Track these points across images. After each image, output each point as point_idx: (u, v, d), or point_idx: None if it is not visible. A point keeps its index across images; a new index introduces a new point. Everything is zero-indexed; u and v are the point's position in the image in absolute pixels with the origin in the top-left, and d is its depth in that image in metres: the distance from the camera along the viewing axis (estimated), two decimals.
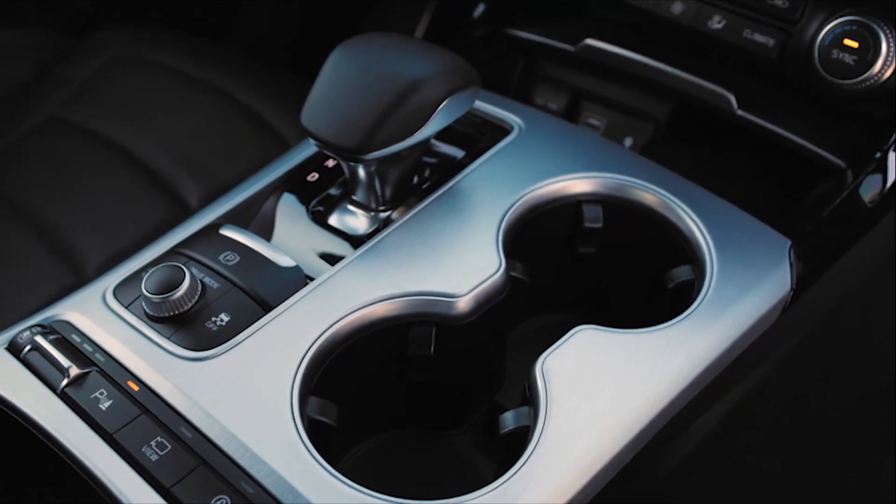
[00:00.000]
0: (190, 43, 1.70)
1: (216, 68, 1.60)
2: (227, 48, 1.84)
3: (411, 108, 0.84)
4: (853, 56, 0.93)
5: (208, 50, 1.69)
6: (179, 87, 1.58)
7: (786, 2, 1.00)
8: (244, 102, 1.53)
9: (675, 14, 1.07)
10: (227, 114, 1.52)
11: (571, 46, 1.18)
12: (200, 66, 1.61)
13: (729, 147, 1.15)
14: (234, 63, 1.64)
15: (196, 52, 1.66)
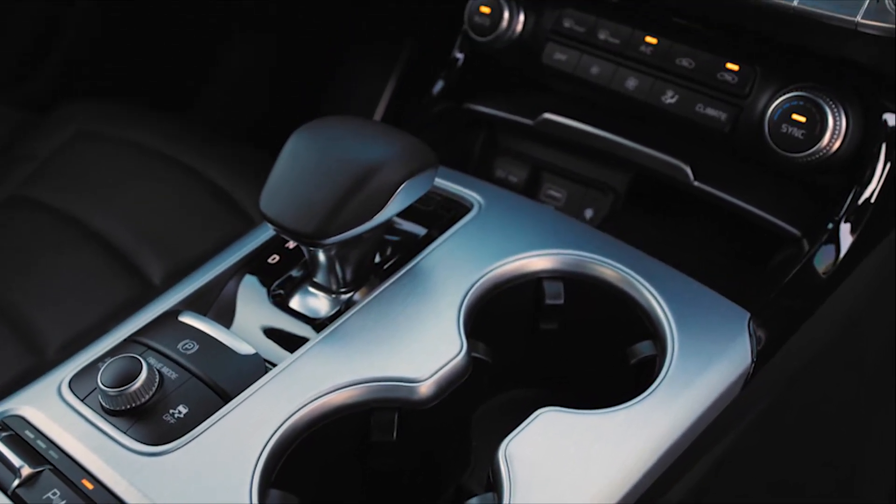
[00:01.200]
0: (154, 118, 1.71)
1: (180, 143, 1.61)
2: (192, 123, 1.84)
3: (369, 192, 0.84)
4: (802, 130, 0.95)
5: (173, 125, 1.69)
6: (143, 162, 1.58)
7: (735, 77, 1.03)
8: (208, 178, 1.53)
9: (630, 90, 1.10)
10: (191, 189, 1.52)
11: (530, 120, 1.20)
12: (165, 141, 1.61)
13: (688, 216, 1.16)
14: (198, 138, 1.64)
15: (160, 127, 1.66)
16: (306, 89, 1.75)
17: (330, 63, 1.72)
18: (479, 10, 1.17)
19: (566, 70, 1.14)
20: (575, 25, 1.14)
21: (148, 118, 1.70)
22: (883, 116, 0.97)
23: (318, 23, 1.76)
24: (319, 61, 1.76)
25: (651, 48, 1.08)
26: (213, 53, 1.87)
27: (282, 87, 1.86)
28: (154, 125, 1.67)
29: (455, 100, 1.27)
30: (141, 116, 1.70)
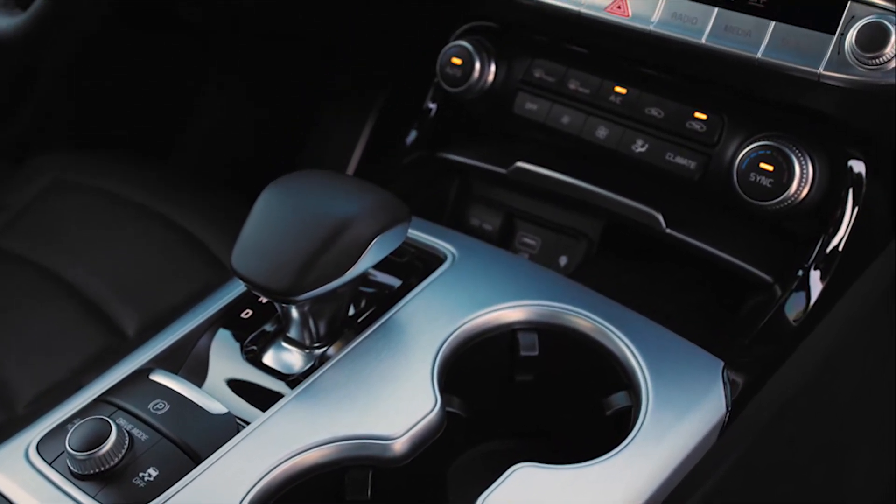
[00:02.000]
0: (130, 167, 1.70)
1: (155, 192, 1.60)
2: (168, 172, 1.84)
3: (341, 248, 0.84)
4: (769, 179, 0.97)
5: (148, 173, 1.69)
6: (118, 212, 1.57)
7: (703, 126, 1.04)
8: (183, 227, 1.53)
9: (601, 139, 1.11)
10: (166, 239, 1.52)
11: (503, 169, 1.21)
12: (140, 190, 1.60)
13: (662, 261, 1.17)
14: (174, 187, 1.64)
15: (136, 177, 1.66)
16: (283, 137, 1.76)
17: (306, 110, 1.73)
18: (450, 62, 1.19)
19: (538, 119, 1.16)
20: (545, 75, 1.15)
21: (124, 167, 1.69)
22: (848, 163, 0.99)
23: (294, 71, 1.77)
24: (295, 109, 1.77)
25: (620, 98, 1.10)
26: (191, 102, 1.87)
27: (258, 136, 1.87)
28: (130, 175, 1.66)
29: (428, 149, 1.28)
30: (117, 166, 1.70)
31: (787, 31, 0.91)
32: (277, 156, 1.73)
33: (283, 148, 1.64)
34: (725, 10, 0.95)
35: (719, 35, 0.95)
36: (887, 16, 0.85)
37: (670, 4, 0.98)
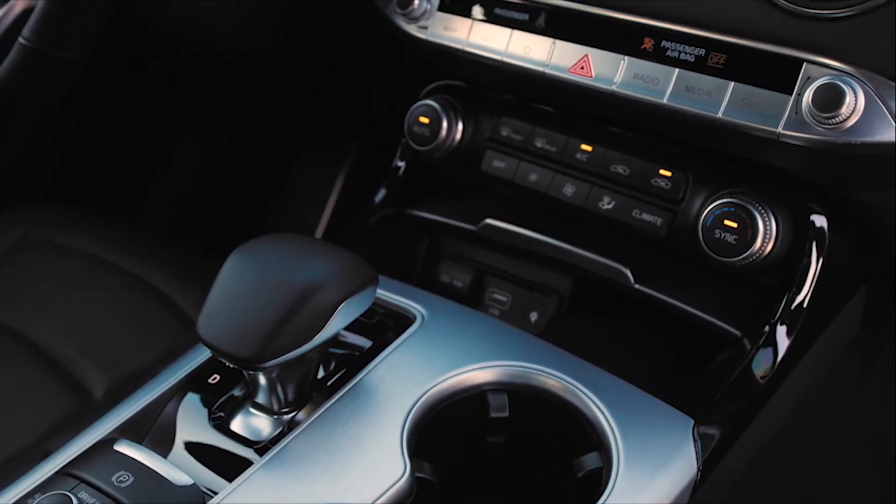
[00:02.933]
0: (99, 223, 1.69)
1: (125, 250, 1.59)
2: (137, 228, 1.83)
3: (308, 314, 0.84)
4: (734, 235, 0.98)
5: (118, 230, 1.68)
6: (87, 270, 1.56)
7: (668, 183, 1.06)
8: (153, 285, 1.51)
9: (568, 196, 1.12)
10: (136, 297, 1.50)
11: (473, 226, 1.21)
12: (109, 247, 1.59)
13: (632, 316, 1.17)
14: (143, 244, 1.63)
15: (105, 233, 1.64)
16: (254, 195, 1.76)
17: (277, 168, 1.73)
18: (418, 121, 1.20)
19: (505, 177, 1.16)
20: (512, 134, 1.16)
21: (93, 224, 1.68)
22: (810, 218, 1.00)
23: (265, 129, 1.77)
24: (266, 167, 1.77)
25: (587, 155, 1.11)
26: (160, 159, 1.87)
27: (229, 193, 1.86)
28: (98, 231, 1.65)
29: (398, 206, 1.28)
30: (85, 222, 1.69)
31: (746, 91, 0.93)
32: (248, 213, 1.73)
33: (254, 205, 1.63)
34: (686, 70, 0.96)
35: (680, 95, 0.96)
36: (842, 77, 0.87)
37: (632, 65, 0.99)
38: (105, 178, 1.92)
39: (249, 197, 1.76)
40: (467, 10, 1.11)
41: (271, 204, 1.64)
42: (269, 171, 1.76)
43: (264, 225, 1.69)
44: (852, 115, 0.87)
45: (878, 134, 0.88)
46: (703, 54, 0.95)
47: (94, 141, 1.87)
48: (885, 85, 0.87)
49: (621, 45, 1.00)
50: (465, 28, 1.11)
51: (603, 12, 1.01)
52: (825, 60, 0.89)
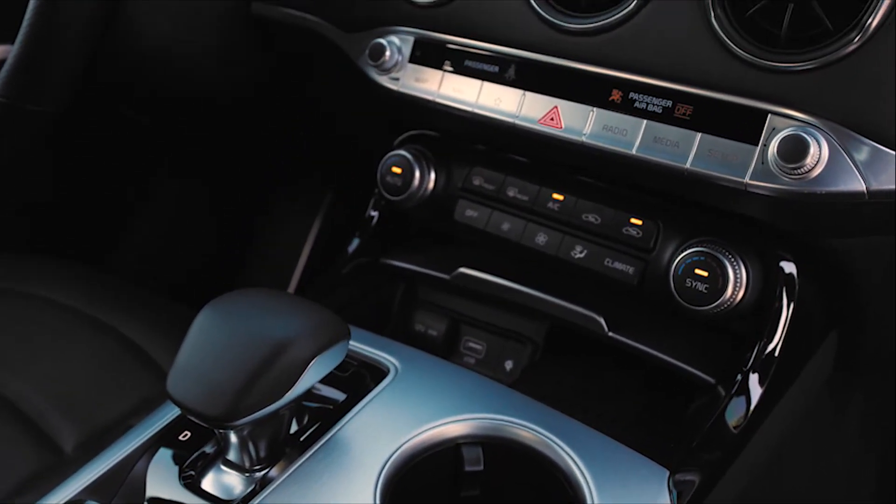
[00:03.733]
0: (70, 274, 1.67)
1: (98, 300, 1.57)
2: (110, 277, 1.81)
3: (278, 371, 0.83)
4: (705, 284, 0.98)
5: (90, 280, 1.66)
6: (59, 321, 1.53)
7: (639, 231, 1.06)
8: (126, 336, 1.49)
9: (540, 245, 1.12)
10: (108, 348, 1.48)
11: (446, 275, 1.21)
12: (81, 298, 1.57)
13: (606, 364, 1.17)
14: (116, 294, 1.61)
15: (77, 284, 1.63)
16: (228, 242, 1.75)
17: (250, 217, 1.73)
18: (390, 171, 1.20)
19: (478, 226, 1.17)
20: (484, 183, 1.17)
21: (64, 274, 1.66)
22: (780, 264, 1.01)
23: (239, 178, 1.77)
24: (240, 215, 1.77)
25: (558, 204, 1.12)
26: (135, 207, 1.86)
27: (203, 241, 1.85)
28: (68, 280, 1.63)
29: (372, 255, 1.28)
30: (57, 273, 1.67)
31: (712, 142, 0.94)
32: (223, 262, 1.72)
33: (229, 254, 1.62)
34: (653, 122, 0.97)
35: (649, 146, 0.97)
36: (806, 128, 0.88)
37: (601, 117, 1.00)
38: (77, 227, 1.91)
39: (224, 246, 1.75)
40: (438, 62, 1.12)
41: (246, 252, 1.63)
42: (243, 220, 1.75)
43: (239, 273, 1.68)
44: (817, 166, 0.88)
45: (842, 184, 0.89)
46: (669, 106, 0.97)
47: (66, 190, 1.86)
48: (848, 136, 0.88)
49: (590, 96, 1.01)
50: (435, 80, 1.12)
51: (571, 64, 1.02)
52: (789, 112, 0.90)
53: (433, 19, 1.12)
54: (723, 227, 1.03)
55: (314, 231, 1.58)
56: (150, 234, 1.90)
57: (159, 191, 1.84)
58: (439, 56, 1.12)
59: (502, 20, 1.07)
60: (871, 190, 0.88)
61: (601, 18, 1.00)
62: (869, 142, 0.88)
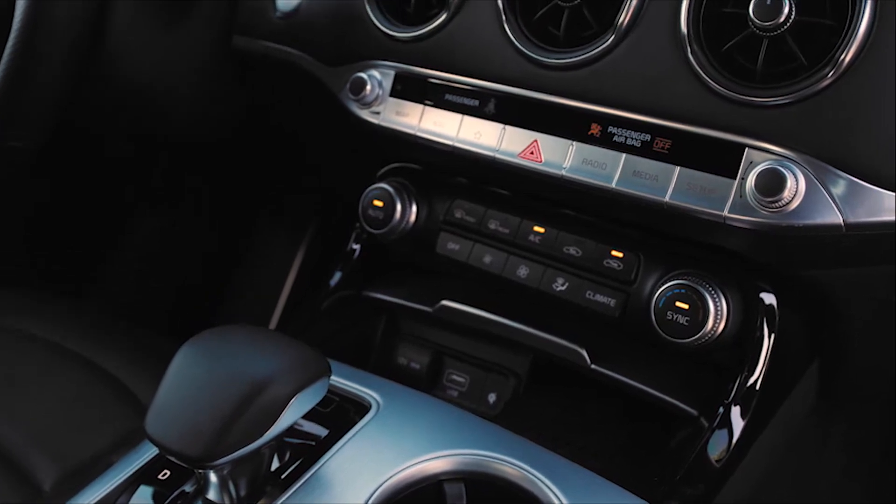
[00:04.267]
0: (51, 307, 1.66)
1: (78, 334, 1.55)
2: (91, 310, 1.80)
3: (258, 409, 0.82)
4: (686, 317, 0.98)
5: (70, 313, 1.65)
6: (37, 355, 1.51)
7: (620, 264, 1.07)
8: (104, 368, 1.48)
9: (522, 278, 1.12)
10: (86, 382, 1.46)
11: (429, 307, 1.21)
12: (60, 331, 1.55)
13: (590, 396, 1.17)
14: (96, 327, 1.60)
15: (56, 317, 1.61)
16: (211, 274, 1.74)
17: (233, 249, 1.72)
18: (372, 204, 1.20)
19: (460, 259, 1.17)
20: (466, 216, 1.17)
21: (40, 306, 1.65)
22: (760, 296, 1.02)
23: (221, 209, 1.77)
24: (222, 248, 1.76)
25: (540, 237, 1.12)
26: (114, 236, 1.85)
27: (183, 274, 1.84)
28: (47, 313, 1.62)
29: (354, 288, 1.28)
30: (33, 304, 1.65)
31: (691, 175, 0.95)
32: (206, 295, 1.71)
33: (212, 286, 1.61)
34: (632, 155, 0.98)
35: (628, 180, 0.98)
36: (782, 161, 0.89)
37: (580, 151, 1.01)
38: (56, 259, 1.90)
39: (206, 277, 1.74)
40: (418, 96, 1.13)
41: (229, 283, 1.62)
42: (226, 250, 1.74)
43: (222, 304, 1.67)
44: (794, 199, 0.89)
45: (819, 217, 0.90)
46: (648, 140, 0.97)
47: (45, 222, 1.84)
48: (824, 169, 0.89)
49: (569, 130, 1.02)
50: (416, 114, 1.12)
51: (551, 99, 1.03)
52: (766, 146, 0.91)
53: (413, 54, 1.13)
54: (703, 258, 1.03)
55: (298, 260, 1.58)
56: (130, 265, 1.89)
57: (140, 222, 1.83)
58: (420, 90, 1.13)
59: (482, 55, 1.07)
60: (849, 223, 0.89)
61: (580, 53, 1.00)
62: (845, 175, 0.89)
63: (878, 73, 0.87)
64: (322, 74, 1.24)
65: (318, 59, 1.25)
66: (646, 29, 0.97)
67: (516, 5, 1.05)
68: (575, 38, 1.02)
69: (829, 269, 1.00)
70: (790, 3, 0.88)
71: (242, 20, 1.37)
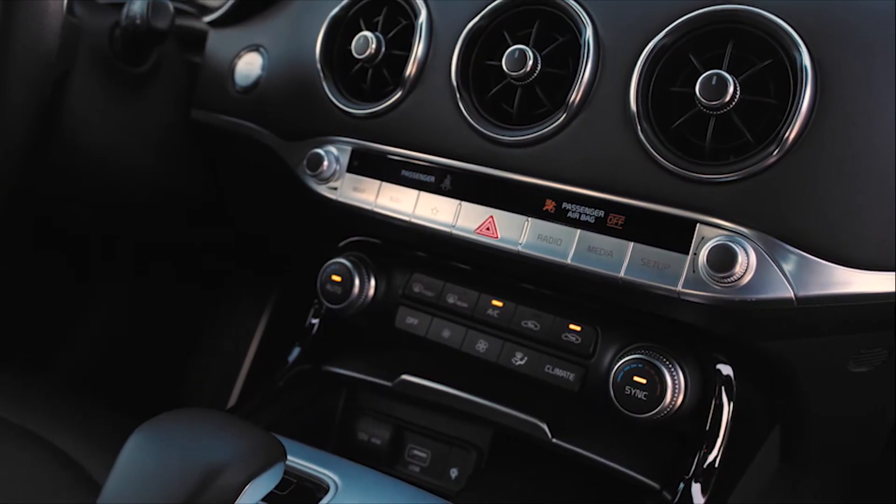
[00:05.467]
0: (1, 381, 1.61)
1: (30, 410, 1.51)
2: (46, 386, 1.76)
3: (210, 497, 0.80)
4: (644, 392, 0.98)
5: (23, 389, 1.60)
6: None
7: (578, 338, 1.07)
8: (61, 449, 1.44)
9: (481, 352, 1.12)
10: (40, 463, 1.42)
11: (389, 382, 1.20)
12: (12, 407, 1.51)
13: (552, 469, 1.16)
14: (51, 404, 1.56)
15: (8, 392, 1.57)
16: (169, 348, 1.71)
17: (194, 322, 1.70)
18: (330, 279, 1.20)
19: (419, 334, 1.16)
20: (424, 290, 1.17)
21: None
22: (717, 367, 1.02)
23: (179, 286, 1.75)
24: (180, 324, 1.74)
25: (498, 311, 1.12)
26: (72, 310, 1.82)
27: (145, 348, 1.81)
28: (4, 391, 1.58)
29: (313, 362, 1.27)
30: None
31: (645, 251, 0.95)
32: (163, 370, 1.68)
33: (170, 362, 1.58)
34: (587, 231, 0.99)
35: (583, 256, 0.98)
36: (733, 237, 0.90)
37: (535, 227, 1.02)
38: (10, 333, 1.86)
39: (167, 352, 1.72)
40: (375, 172, 1.13)
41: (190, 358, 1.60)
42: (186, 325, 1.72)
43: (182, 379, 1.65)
44: (746, 274, 0.90)
45: (771, 291, 0.90)
46: (602, 216, 0.98)
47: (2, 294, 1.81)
48: (774, 244, 0.90)
49: (524, 206, 1.03)
50: (373, 189, 1.13)
51: (506, 175, 1.04)
52: (717, 221, 0.92)
53: (370, 130, 1.14)
54: (661, 331, 1.03)
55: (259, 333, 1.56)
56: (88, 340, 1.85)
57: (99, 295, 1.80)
58: (376, 166, 1.14)
59: (437, 132, 1.08)
60: (800, 297, 0.90)
61: (533, 131, 1.02)
62: (795, 250, 0.90)
63: (821, 150, 0.89)
64: (280, 149, 1.25)
65: (276, 133, 1.26)
66: (596, 107, 0.99)
67: (470, 83, 1.07)
68: (528, 116, 1.04)
69: (784, 340, 1.01)
70: (735, 82, 0.90)
71: (201, 94, 1.38)
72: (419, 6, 1.11)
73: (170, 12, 1.25)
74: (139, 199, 1.46)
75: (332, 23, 1.19)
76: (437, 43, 1.10)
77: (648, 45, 0.96)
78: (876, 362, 1.10)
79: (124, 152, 1.40)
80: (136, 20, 1.24)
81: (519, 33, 1.06)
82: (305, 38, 1.21)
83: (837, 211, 0.89)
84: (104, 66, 1.32)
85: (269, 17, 1.33)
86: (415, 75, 1.10)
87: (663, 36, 0.96)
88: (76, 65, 1.29)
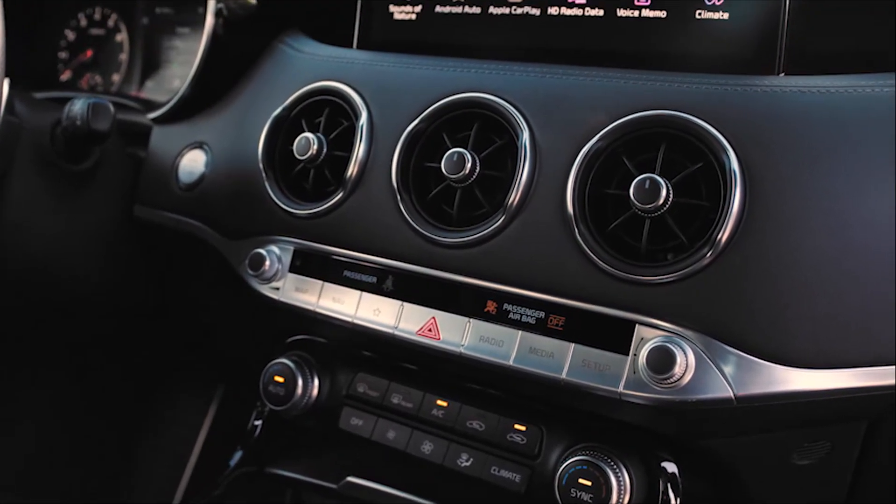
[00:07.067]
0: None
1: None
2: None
3: None
4: (589, 494, 0.97)
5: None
6: None
7: (524, 438, 1.06)
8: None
9: (426, 454, 1.10)
10: None
11: (334, 484, 1.17)
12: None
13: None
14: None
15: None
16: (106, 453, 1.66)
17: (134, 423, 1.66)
18: (273, 380, 1.18)
19: (364, 435, 1.15)
20: (369, 390, 1.16)
21: None
22: (661, 465, 1.02)
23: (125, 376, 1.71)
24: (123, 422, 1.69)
25: (443, 411, 1.11)
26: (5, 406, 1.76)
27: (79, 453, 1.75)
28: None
29: (257, 464, 1.24)
30: None
31: (586, 352, 0.95)
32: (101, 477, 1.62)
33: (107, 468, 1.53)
34: (528, 333, 0.99)
35: (525, 357, 0.98)
36: (672, 338, 0.91)
37: (477, 328, 1.01)
38: None
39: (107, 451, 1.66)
40: (317, 272, 1.13)
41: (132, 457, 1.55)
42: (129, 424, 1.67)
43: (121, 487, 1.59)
44: (685, 375, 0.90)
45: (711, 391, 0.91)
46: (542, 317, 0.98)
47: None
48: (712, 345, 0.91)
49: (466, 308, 1.03)
50: (315, 290, 1.12)
51: (447, 276, 1.04)
52: (655, 322, 0.93)
53: (312, 230, 1.14)
54: (605, 430, 1.03)
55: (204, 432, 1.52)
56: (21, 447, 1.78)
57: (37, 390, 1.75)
58: (319, 266, 1.13)
59: (378, 233, 1.08)
60: (739, 396, 0.90)
61: (473, 232, 1.02)
62: (733, 350, 0.90)
63: (754, 251, 0.90)
64: (222, 247, 1.24)
65: (219, 231, 1.25)
66: (534, 209, 1.00)
67: (410, 185, 1.07)
68: (468, 218, 1.04)
69: (726, 437, 1.01)
70: (667, 185, 0.92)
71: (144, 191, 1.37)
72: (360, 108, 1.12)
73: (110, 114, 1.25)
74: (80, 295, 1.43)
75: (274, 123, 1.19)
76: (378, 144, 1.11)
77: (584, 149, 0.98)
78: (820, 454, 1.10)
79: (65, 249, 1.38)
80: (77, 121, 1.23)
81: (458, 136, 1.07)
82: (248, 137, 1.22)
83: (769, 311, 0.90)
84: (45, 164, 1.31)
85: (214, 115, 1.33)
86: (356, 176, 1.10)
87: (597, 140, 0.98)
88: (15, 164, 1.28)
